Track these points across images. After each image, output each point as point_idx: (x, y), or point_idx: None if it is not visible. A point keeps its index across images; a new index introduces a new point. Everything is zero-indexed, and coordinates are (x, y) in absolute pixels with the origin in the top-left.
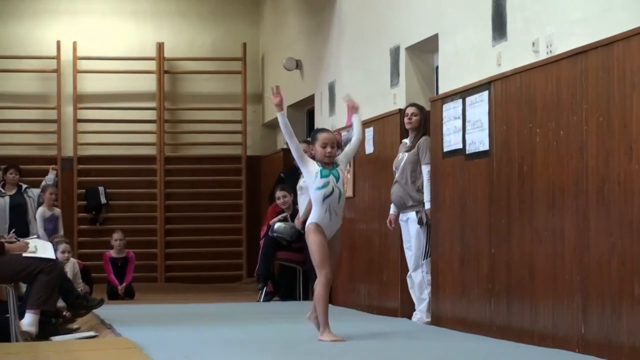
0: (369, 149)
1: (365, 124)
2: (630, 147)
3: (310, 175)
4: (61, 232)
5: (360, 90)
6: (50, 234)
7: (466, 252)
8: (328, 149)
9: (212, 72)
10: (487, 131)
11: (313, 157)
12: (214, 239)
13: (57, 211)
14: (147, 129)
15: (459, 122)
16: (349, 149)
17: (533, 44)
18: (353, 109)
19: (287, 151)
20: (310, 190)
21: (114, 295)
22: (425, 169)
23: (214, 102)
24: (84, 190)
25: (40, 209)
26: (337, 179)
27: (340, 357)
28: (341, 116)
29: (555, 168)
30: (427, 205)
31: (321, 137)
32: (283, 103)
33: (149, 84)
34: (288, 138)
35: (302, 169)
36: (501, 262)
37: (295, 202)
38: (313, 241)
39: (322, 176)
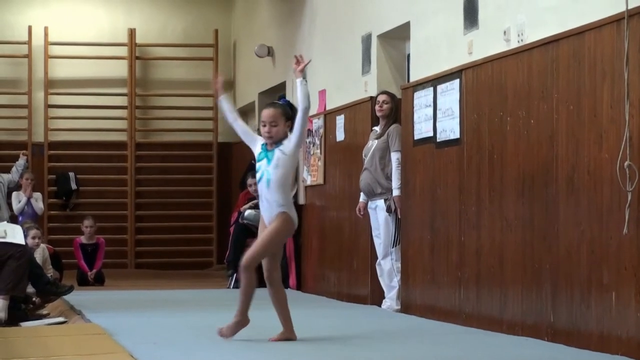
0: (340, 136)
1: (337, 112)
2: (600, 135)
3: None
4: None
5: (332, 77)
6: (29, 218)
7: (436, 239)
8: (266, 128)
9: (183, 58)
10: (457, 119)
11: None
12: (185, 226)
13: (35, 195)
14: (118, 115)
15: (430, 110)
16: (295, 123)
17: (504, 32)
18: (299, 71)
19: None
20: None
21: (84, 282)
22: (395, 156)
23: (186, 89)
24: (54, 176)
25: (15, 192)
26: (269, 162)
27: (306, 344)
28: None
29: (526, 156)
30: (396, 193)
31: (262, 114)
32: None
33: (120, 70)
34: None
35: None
36: (471, 250)
37: None
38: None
39: (258, 159)
